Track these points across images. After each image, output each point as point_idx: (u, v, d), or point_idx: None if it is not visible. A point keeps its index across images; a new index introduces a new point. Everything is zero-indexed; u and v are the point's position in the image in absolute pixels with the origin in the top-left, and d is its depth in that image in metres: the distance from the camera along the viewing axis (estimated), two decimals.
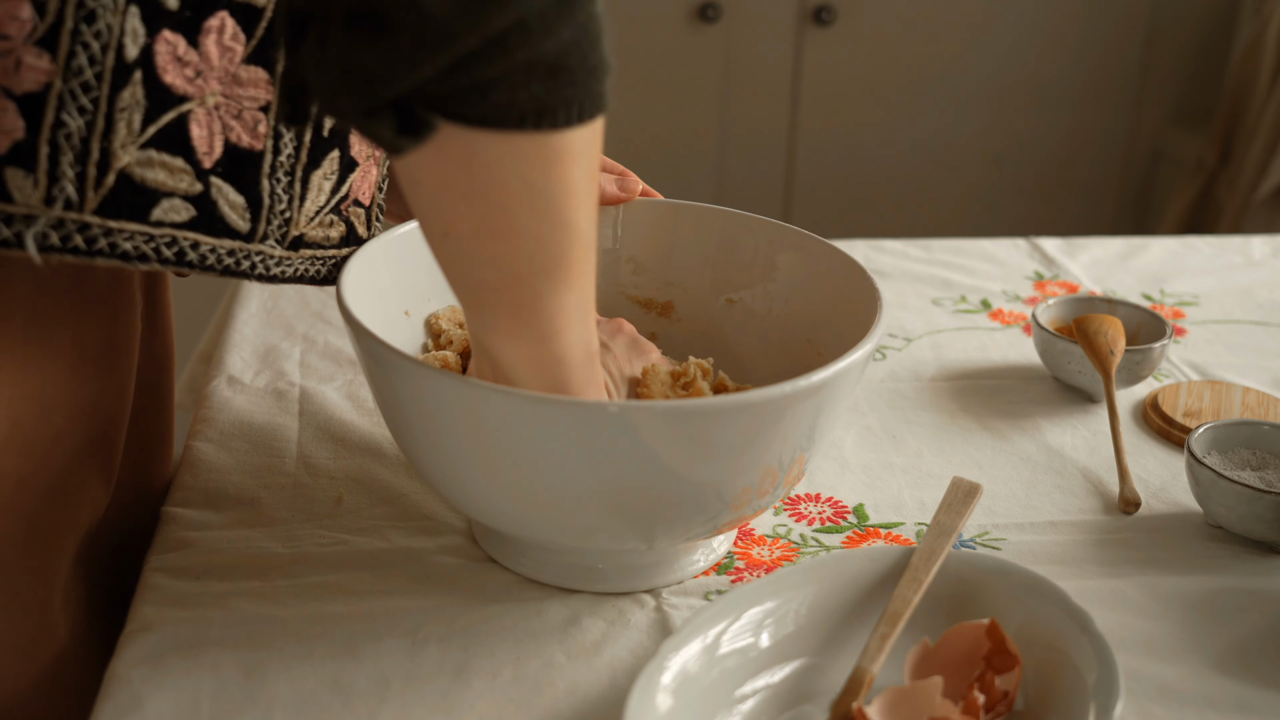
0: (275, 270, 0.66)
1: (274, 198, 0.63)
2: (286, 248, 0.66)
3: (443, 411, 0.61)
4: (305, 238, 0.67)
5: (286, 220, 0.65)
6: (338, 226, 0.69)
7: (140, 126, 0.57)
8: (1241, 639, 0.69)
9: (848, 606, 0.66)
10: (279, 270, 0.66)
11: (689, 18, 2.17)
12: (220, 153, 0.60)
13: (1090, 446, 0.88)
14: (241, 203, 0.62)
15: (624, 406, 0.58)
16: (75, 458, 0.65)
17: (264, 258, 0.64)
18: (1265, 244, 1.28)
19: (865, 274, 0.74)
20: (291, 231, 0.65)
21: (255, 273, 0.64)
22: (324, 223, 0.68)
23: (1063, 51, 2.31)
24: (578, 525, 0.65)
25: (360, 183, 0.70)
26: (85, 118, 0.55)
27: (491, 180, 0.51)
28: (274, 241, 0.65)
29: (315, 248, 0.68)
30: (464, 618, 0.68)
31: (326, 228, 0.68)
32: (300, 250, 0.67)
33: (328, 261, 0.70)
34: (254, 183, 0.62)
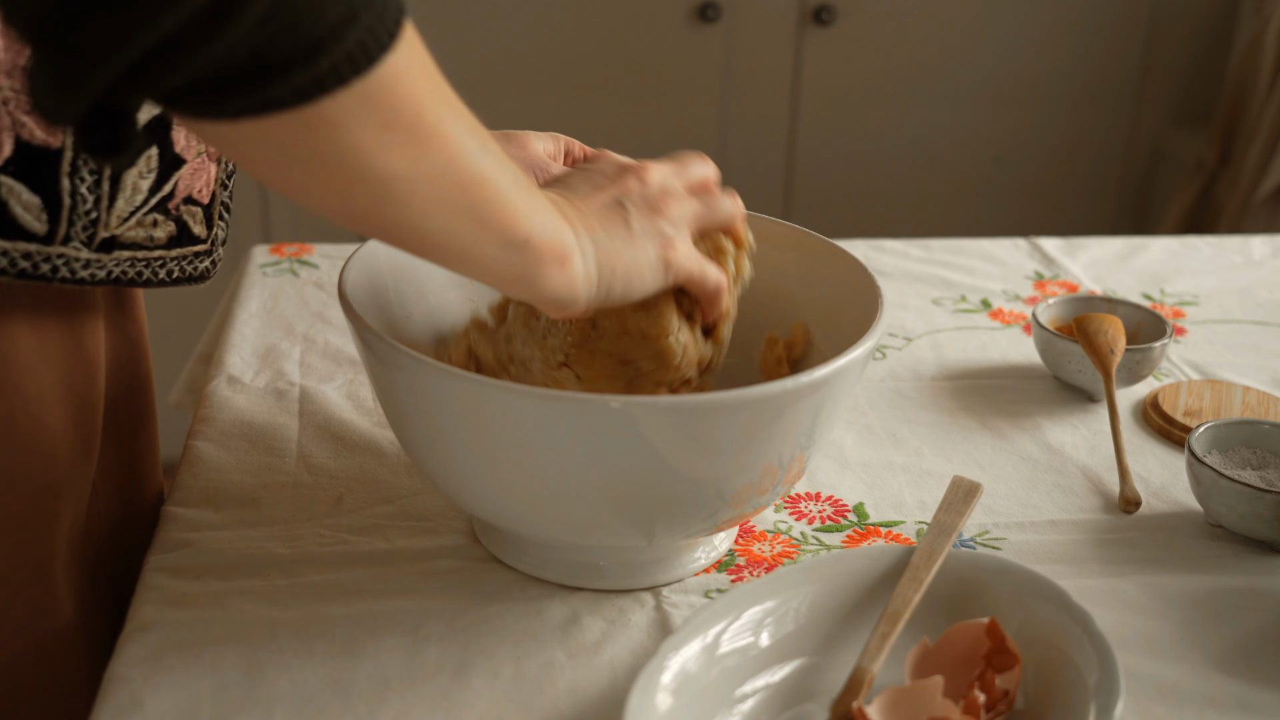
0: (83, 274, 0.63)
1: (76, 198, 0.61)
2: (95, 250, 0.63)
3: (444, 407, 0.61)
4: (120, 239, 0.64)
5: (94, 221, 0.62)
6: (165, 226, 0.66)
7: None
8: (1242, 638, 0.69)
9: (848, 606, 0.66)
10: (87, 274, 0.63)
11: (689, 18, 2.17)
12: (10, 151, 0.58)
13: (1090, 446, 0.88)
14: (37, 203, 0.59)
15: (626, 402, 0.58)
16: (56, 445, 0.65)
17: (67, 260, 0.62)
18: (1265, 244, 1.28)
19: (866, 272, 0.74)
20: (100, 233, 0.62)
21: (58, 276, 0.61)
22: (144, 223, 0.65)
23: (1063, 51, 2.31)
24: (578, 521, 0.65)
25: (191, 180, 0.67)
26: None
27: (258, 155, 0.49)
28: (79, 244, 0.62)
29: (135, 249, 0.65)
30: (464, 617, 0.68)
31: (150, 228, 0.65)
32: (114, 252, 0.64)
33: (153, 264, 0.66)
34: (51, 182, 0.59)
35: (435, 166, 0.52)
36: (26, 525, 0.64)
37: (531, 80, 2.17)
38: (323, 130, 0.48)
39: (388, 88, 0.48)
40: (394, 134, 0.50)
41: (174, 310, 1.95)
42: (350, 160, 0.49)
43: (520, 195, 0.56)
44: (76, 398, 0.66)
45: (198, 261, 0.70)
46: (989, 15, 2.26)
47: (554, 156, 0.83)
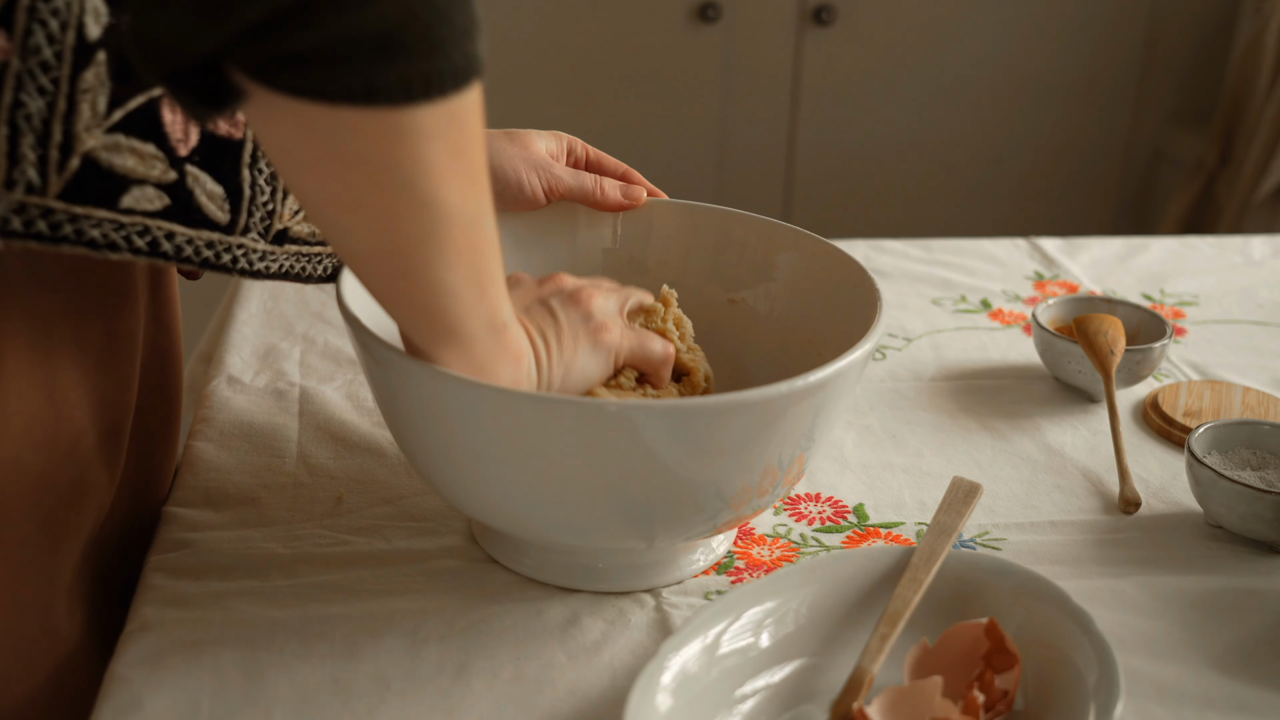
0: (259, 265, 0.64)
1: (255, 189, 0.62)
2: (270, 242, 0.64)
3: (442, 410, 0.61)
4: (290, 232, 0.65)
5: (270, 213, 0.63)
6: None
7: (106, 110, 0.55)
8: (1241, 639, 0.69)
9: (848, 606, 0.66)
10: (263, 265, 0.64)
11: (689, 18, 2.17)
12: (196, 140, 0.59)
13: (1090, 446, 0.88)
14: (220, 193, 0.60)
15: (622, 405, 0.58)
16: (89, 455, 0.65)
17: (246, 252, 0.63)
18: (1265, 244, 1.28)
19: (865, 273, 0.74)
20: (275, 225, 0.64)
21: (238, 267, 0.62)
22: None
23: (1063, 51, 2.31)
24: (577, 524, 0.65)
25: None
26: (45, 98, 0.54)
27: (328, 153, 0.48)
28: (256, 235, 0.63)
29: (301, 243, 0.66)
30: (464, 618, 0.68)
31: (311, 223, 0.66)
32: (285, 245, 0.65)
33: (313, 259, 0.68)
34: (233, 172, 0.60)
35: (476, 214, 0.53)
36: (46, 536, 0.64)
37: (532, 80, 2.17)
38: (408, 138, 0.48)
39: (468, 115, 0.49)
40: (460, 165, 0.50)
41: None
42: (419, 178, 0.49)
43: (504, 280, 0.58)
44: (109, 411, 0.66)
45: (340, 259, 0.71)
46: (989, 15, 2.26)
47: (556, 155, 0.83)
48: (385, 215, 0.51)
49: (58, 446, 0.62)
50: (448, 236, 0.52)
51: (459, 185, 0.51)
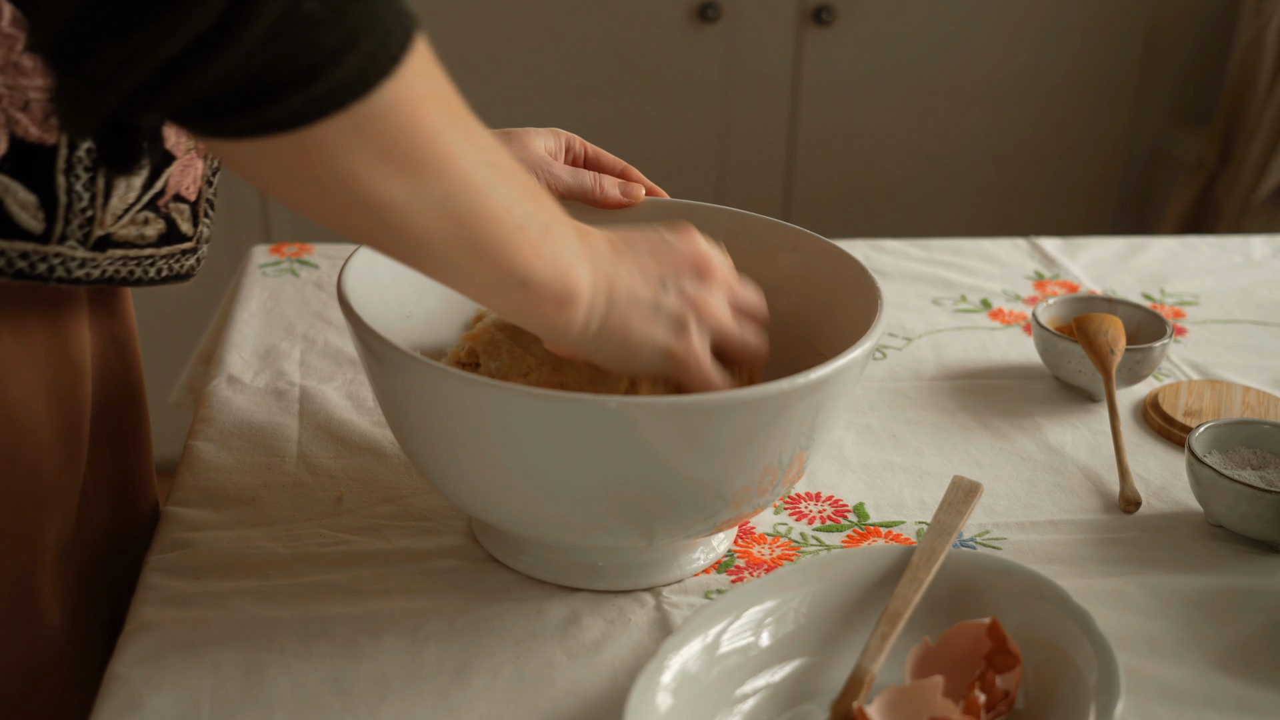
0: (79, 273, 0.62)
1: (72, 195, 0.60)
2: (90, 248, 0.62)
3: (442, 408, 0.61)
4: (114, 237, 0.63)
5: (89, 219, 0.61)
6: (155, 224, 0.66)
7: None
8: (1242, 638, 0.69)
9: (848, 606, 0.66)
10: (83, 273, 0.62)
11: (689, 18, 2.17)
12: (5, 148, 0.57)
13: (1090, 446, 0.88)
14: (33, 201, 0.59)
15: (623, 402, 0.58)
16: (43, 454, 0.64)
17: (63, 260, 0.61)
18: (1265, 244, 1.28)
19: (865, 272, 0.74)
20: (96, 231, 0.62)
21: (55, 276, 0.61)
22: (136, 220, 0.64)
23: (1063, 51, 2.31)
24: (577, 522, 0.65)
25: (180, 177, 0.66)
26: None
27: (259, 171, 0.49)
28: (75, 242, 0.61)
29: (127, 247, 0.65)
30: (464, 617, 0.68)
31: (140, 225, 0.65)
32: (108, 250, 0.63)
33: (144, 262, 0.66)
34: (47, 179, 0.59)
35: (434, 198, 0.52)
36: (10, 536, 0.63)
37: (532, 80, 2.17)
38: (318, 154, 0.48)
39: (387, 115, 0.49)
40: (390, 162, 0.50)
41: (173, 310, 1.95)
42: (345, 185, 0.49)
43: (528, 235, 0.56)
44: (62, 404, 0.65)
45: (184, 259, 0.69)
46: (989, 15, 2.26)
47: (554, 153, 0.82)
48: (334, 217, 0.52)
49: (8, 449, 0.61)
50: (403, 226, 0.52)
51: (400, 180, 0.50)
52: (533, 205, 0.56)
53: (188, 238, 0.69)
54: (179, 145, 0.65)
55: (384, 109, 0.48)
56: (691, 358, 0.64)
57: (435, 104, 0.51)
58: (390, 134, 0.49)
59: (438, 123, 0.51)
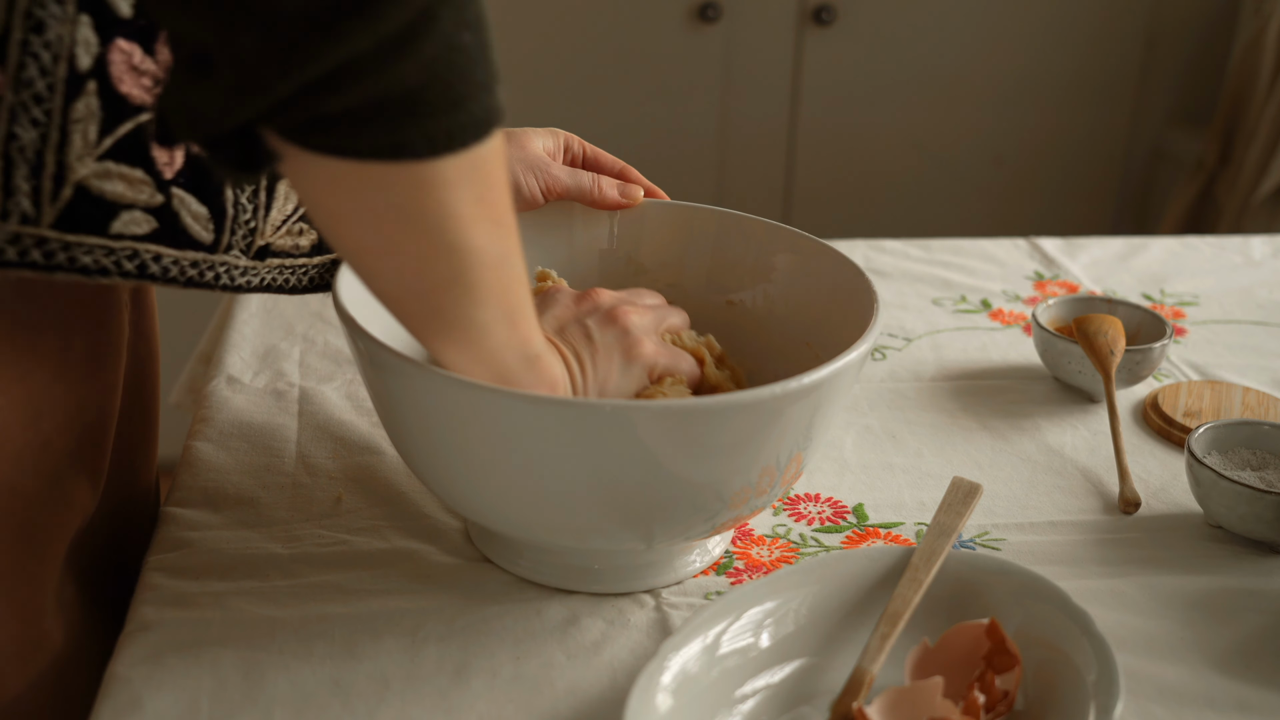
0: (240, 280, 0.65)
1: (238, 207, 0.63)
2: (252, 258, 0.65)
3: (438, 412, 0.61)
4: (272, 247, 0.66)
5: (251, 230, 0.64)
6: (308, 235, 0.68)
7: (97, 138, 0.56)
8: (1241, 639, 0.69)
9: (848, 606, 0.66)
10: (244, 280, 0.65)
11: (689, 18, 2.17)
12: (181, 163, 0.60)
13: (1090, 446, 0.88)
14: (205, 213, 0.61)
15: (619, 406, 0.58)
16: (64, 463, 0.64)
17: (229, 268, 0.64)
18: (1265, 244, 1.28)
19: (862, 274, 0.74)
20: (257, 241, 0.65)
21: (220, 283, 0.64)
22: (292, 231, 0.67)
23: (1063, 51, 2.31)
24: (575, 525, 0.65)
25: None
26: (39, 130, 0.54)
27: (358, 204, 0.51)
28: (239, 252, 0.64)
29: (283, 257, 0.67)
30: (464, 617, 0.68)
31: (295, 236, 0.67)
32: (267, 260, 0.66)
33: (297, 270, 0.69)
34: (217, 193, 0.61)
35: (502, 254, 0.55)
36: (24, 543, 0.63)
37: (531, 80, 2.17)
38: (435, 189, 0.50)
39: (489, 162, 0.51)
40: (485, 210, 0.52)
41: (173, 310, 1.95)
42: (446, 225, 0.51)
43: (534, 311, 0.60)
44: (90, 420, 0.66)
45: (333, 268, 0.71)
46: (989, 15, 2.26)
47: (553, 153, 0.82)
48: (415, 260, 0.53)
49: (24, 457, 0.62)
50: (476, 277, 0.55)
51: (485, 228, 0.53)
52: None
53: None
54: None
55: (490, 155, 0.51)
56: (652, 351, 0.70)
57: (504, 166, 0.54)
58: (491, 181, 0.52)
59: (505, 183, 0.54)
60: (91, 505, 0.69)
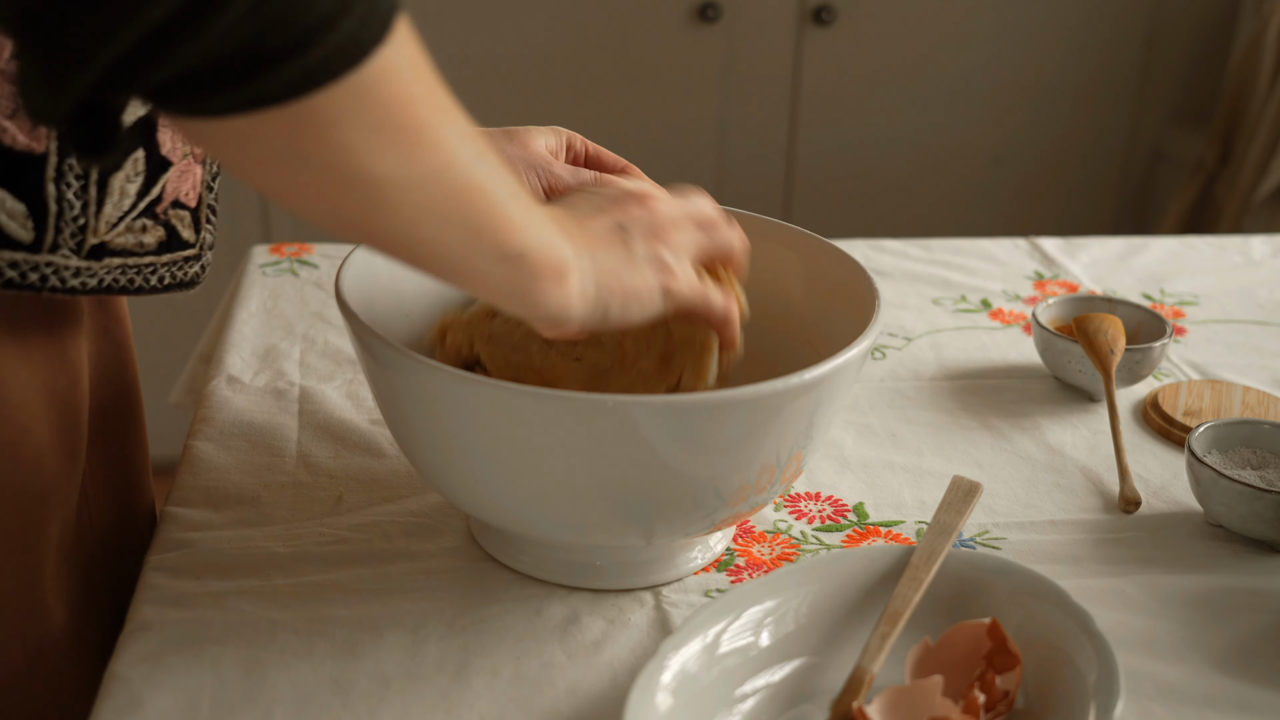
0: (74, 282, 0.61)
1: (63, 204, 0.59)
2: (85, 257, 0.61)
3: (440, 407, 0.61)
4: (110, 245, 0.62)
5: (82, 228, 0.60)
6: (154, 231, 0.65)
7: None
8: (1241, 638, 0.69)
9: (848, 606, 0.66)
10: (77, 282, 0.61)
11: (689, 18, 2.17)
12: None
13: (1090, 446, 0.88)
14: (22, 210, 0.58)
15: (620, 400, 0.58)
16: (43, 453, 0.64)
17: (56, 269, 0.60)
18: (1265, 244, 1.28)
19: (863, 271, 0.74)
20: (89, 239, 0.61)
21: (48, 285, 0.60)
22: (134, 228, 0.63)
23: (1063, 51, 2.31)
24: (575, 520, 0.65)
25: (179, 182, 0.65)
26: None
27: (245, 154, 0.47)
28: (68, 251, 0.60)
29: (125, 255, 0.63)
30: (464, 617, 0.68)
31: (139, 233, 0.64)
32: (104, 259, 0.62)
33: (144, 270, 0.65)
34: (36, 188, 0.58)
35: (428, 171, 0.50)
36: (12, 535, 0.63)
37: (532, 80, 2.17)
38: (312, 129, 0.46)
39: (380, 84, 0.47)
40: (386, 135, 0.48)
41: (172, 311, 1.95)
42: (340, 161, 0.47)
43: (516, 207, 0.54)
44: (61, 405, 0.65)
45: (187, 267, 0.68)
46: (989, 15, 2.26)
47: (555, 152, 0.82)
48: (324, 200, 0.49)
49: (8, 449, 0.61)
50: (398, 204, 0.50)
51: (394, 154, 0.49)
52: (510, 177, 0.55)
53: (189, 244, 0.68)
54: (175, 150, 0.64)
55: (377, 79, 0.46)
56: (685, 285, 0.63)
57: (421, 76, 0.49)
58: (385, 105, 0.47)
59: (424, 95, 0.49)
60: (75, 495, 0.68)
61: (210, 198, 0.69)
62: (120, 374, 0.75)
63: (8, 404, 0.61)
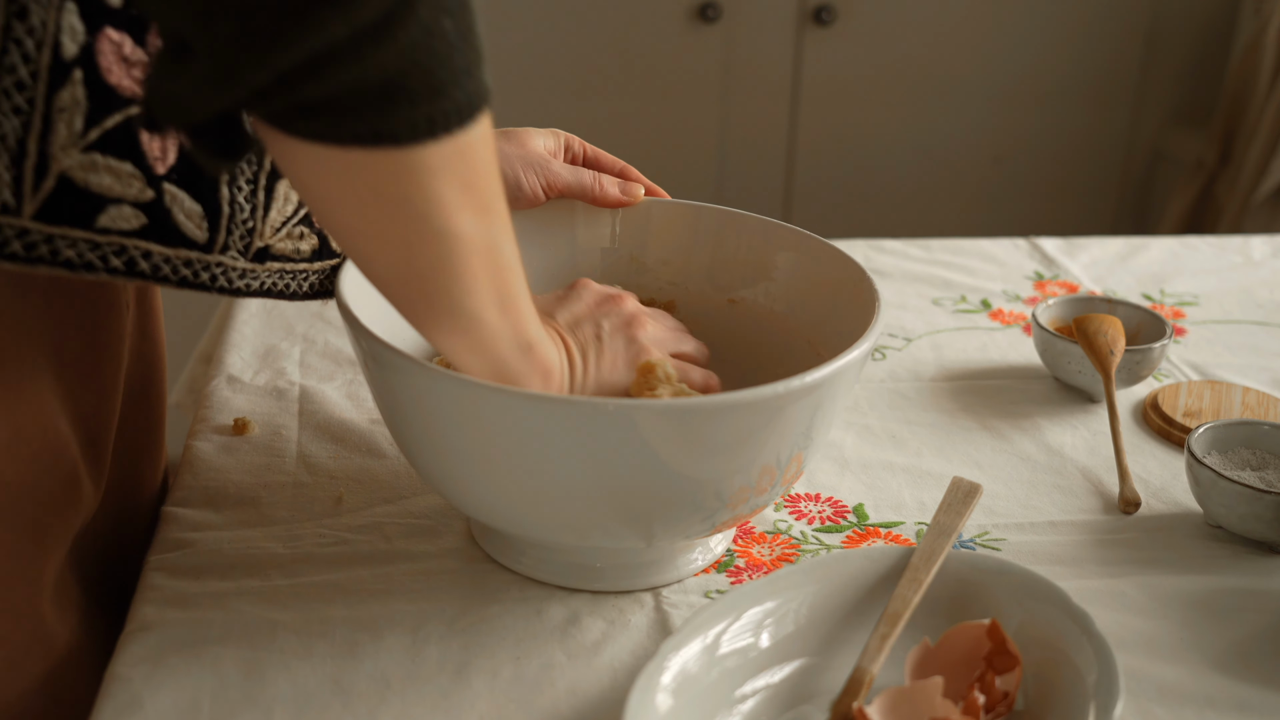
0: (239, 283, 0.63)
1: (234, 206, 0.61)
2: (250, 259, 0.64)
3: (440, 410, 0.61)
4: (272, 249, 0.65)
5: (249, 230, 0.63)
6: (309, 239, 0.67)
7: (83, 129, 0.55)
8: (1241, 639, 0.69)
9: (848, 606, 0.66)
10: (243, 284, 0.64)
11: (689, 18, 2.17)
12: (174, 158, 0.58)
13: (1090, 446, 0.88)
14: (198, 211, 0.60)
15: (621, 404, 0.58)
16: (72, 465, 0.64)
17: (225, 270, 0.62)
18: (1265, 244, 1.28)
19: (864, 273, 0.74)
20: (255, 242, 0.63)
21: (216, 285, 0.62)
22: (293, 234, 0.65)
23: (1063, 51, 2.31)
24: (575, 523, 0.65)
25: None
26: (20, 118, 0.53)
27: (344, 190, 0.50)
28: (236, 253, 0.62)
29: (284, 260, 0.66)
30: (464, 618, 0.68)
31: (296, 240, 0.66)
32: (266, 263, 0.65)
33: (298, 276, 0.67)
34: (212, 190, 0.60)
35: (490, 241, 0.54)
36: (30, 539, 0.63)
37: (532, 80, 2.17)
38: (416, 174, 0.49)
39: (476, 147, 0.51)
40: (471, 196, 0.52)
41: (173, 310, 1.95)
42: (431, 211, 0.51)
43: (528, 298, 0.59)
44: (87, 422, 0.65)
45: (333, 275, 0.70)
46: (989, 15, 2.26)
47: (554, 153, 0.82)
48: (402, 246, 0.52)
49: (41, 458, 0.61)
50: (463, 263, 0.54)
51: (471, 214, 0.52)
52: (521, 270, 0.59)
53: (338, 254, 0.70)
54: None
55: (475, 140, 0.50)
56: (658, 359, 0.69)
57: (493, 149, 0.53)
58: (476, 168, 0.51)
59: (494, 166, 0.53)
60: (94, 506, 0.68)
61: None
62: (146, 391, 0.76)
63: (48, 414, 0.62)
